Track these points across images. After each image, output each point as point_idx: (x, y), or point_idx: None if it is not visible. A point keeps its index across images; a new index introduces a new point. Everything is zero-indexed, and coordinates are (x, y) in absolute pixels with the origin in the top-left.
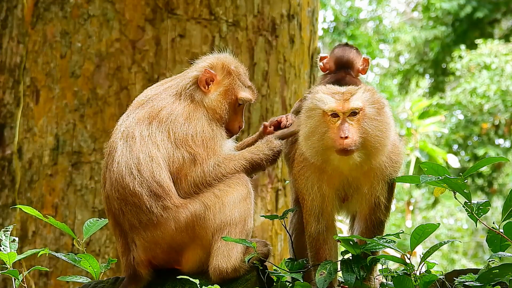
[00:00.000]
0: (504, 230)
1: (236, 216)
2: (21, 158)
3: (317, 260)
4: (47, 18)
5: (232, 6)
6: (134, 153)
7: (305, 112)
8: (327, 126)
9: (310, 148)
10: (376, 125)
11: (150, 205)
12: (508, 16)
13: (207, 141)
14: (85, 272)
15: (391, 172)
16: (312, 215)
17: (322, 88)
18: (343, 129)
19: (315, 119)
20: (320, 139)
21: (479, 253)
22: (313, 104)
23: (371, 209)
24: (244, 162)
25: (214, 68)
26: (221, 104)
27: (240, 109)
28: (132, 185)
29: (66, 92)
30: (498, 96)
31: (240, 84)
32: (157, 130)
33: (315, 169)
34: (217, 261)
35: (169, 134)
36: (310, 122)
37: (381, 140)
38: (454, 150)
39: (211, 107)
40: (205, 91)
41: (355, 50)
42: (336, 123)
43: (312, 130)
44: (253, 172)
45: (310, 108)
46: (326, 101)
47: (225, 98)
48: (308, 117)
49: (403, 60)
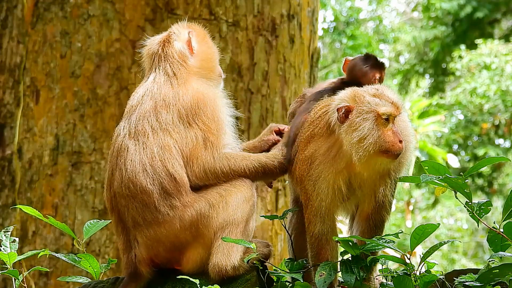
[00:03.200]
0: (505, 230)
1: (238, 216)
2: (21, 158)
3: (318, 261)
4: (47, 18)
5: (232, 6)
6: (148, 149)
7: (360, 115)
8: (380, 130)
9: (361, 151)
10: (405, 127)
11: (159, 203)
12: (508, 16)
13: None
14: (85, 272)
15: (400, 171)
16: (317, 215)
17: (361, 90)
18: (398, 133)
19: (370, 122)
20: (375, 142)
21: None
22: (368, 107)
23: (375, 208)
24: (257, 164)
25: (187, 28)
26: (208, 54)
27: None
28: (144, 183)
29: (66, 92)
30: (498, 96)
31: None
32: (167, 116)
33: (332, 169)
34: (217, 258)
35: (179, 114)
36: (366, 124)
37: (409, 141)
38: (454, 150)
39: (203, 65)
40: (193, 52)
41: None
42: (388, 127)
43: (368, 133)
44: (263, 177)
45: (365, 111)
46: (382, 104)
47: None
48: (364, 119)
49: (403, 60)
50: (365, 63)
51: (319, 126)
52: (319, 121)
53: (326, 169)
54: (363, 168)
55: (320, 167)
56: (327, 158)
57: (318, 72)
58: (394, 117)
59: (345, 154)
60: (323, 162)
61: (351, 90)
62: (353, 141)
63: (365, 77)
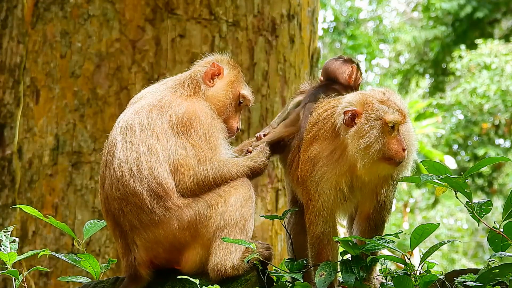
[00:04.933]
0: (505, 230)
1: (237, 216)
2: (21, 158)
3: (319, 261)
4: (47, 18)
5: (232, 6)
6: (134, 147)
7: (368, 122)
8: (385, 137)
9: (366, 157)
10: (408, 132)
11: (152, 205)
12: (508, 16)
13: (209, 135)
14: (85, 272)
15: (402, 172)
16: (319, 216)
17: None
18: (402, 141)
19: (377, 129)
20: (380, 149)
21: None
22: (376, 115)
23: (376, 208)
24: (247, 169)
25: (220, 62)
26: (226, 93)
27: (239, 109)
28: (132, 184)
29: (66, 92)
30: (498, 96)
31: (243, 81)
32: (157, 118)
33: (335, 171)
34: (216, 258)
35: (170, 121)
36: (373, 132)
37: (412, 146)
38: (454, 150)
39: (216, 97)
40: (210, 85)
41: (341, 60)
42: (393, 134)
43: (375, 140)
44: (251, 179)
45: (373, 119)
46: (389, 112)
47: (231, 88)
48: (371, 127)
49: (403, 60)
50: (335, 61)
51: (324, 128)
52: (324, 122)
53: (329, 170)
54: (366, 173)
55: (323, 169)
56: (331, 160)
57: (318, 72)
58: (399, 125)
59: (348, 157)
60: (327, 164)
61: (359, 94)
62: (359, 148)
63: (338, 73)
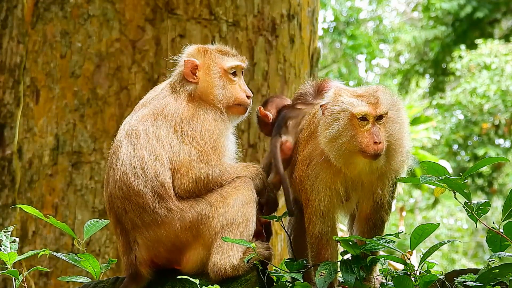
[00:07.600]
0: (504, 230)
1: (239, 216)
2: (21, 158)
3: (318, 260)
4: (47, 18)
5: (232, 6)
6: (138, 151)
7: (331, 114)
8: (355, 130)
9: (334, 151)
10: (398, 128)
11: (154, 205)
12: (508, 16)
13: (215, 140)
14: (85, 272)
15: (400, 171)
16: (317, 215)
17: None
18: (376, 134)
19: (342, 121)
20: (348, 143)
21: (479, 253)
22: (341, 107)
23: (374, 208)
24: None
25: (192, 56)
26: (210, 83)
27: (238, 78)
28: (136, 185)
29: (66, 92)
30: (498, 96)
31: (221, 56)
32: (162, 126)
33: (329, 170)
34: (216, 258)
35: (175, 129)
36: (336, 124)
37: (401, 142)
38: (454, 150)
39: (205, 92)
40: (195, 81)
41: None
42: (366, 127)
43: (339, 133)
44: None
45: (337, 111)
46: (356, 104)
47: (213, 72)
48: (335, 119)
49: (403, 60)
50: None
51: (313, 126)
52: (314, 121)
53: (323, 169)
54: (347, 168)
55: (317, 167)
56: (324, 158)
57: (318, 72)
58: (373, 117)
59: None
60: (320, 162)
61: (335, 88)
62: (325, 140)
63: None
